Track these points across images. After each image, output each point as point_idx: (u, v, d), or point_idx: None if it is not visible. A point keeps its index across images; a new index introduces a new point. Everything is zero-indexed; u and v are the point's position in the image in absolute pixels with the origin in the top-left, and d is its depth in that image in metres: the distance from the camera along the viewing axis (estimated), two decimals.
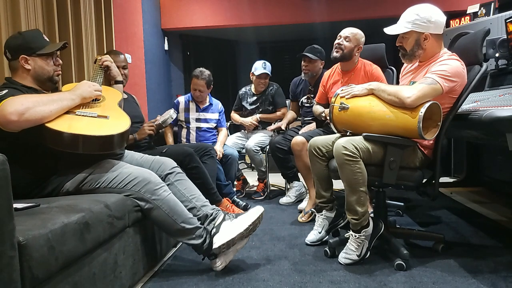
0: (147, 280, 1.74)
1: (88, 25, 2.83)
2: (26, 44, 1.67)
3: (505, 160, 2.99)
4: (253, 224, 1.75)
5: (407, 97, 1.70)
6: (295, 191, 3.15)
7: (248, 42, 6.47)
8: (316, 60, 3.06)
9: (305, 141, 2.65)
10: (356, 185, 1.75)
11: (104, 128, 1.63)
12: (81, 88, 1.70)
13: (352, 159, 1.73)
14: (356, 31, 2.56)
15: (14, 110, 1.41)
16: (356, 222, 1.79)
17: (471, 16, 3.59)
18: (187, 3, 4.84)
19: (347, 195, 1.79)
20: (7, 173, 1.02)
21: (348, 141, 1.76)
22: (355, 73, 2.57)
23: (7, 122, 1.41)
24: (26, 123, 1.44)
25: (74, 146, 1.53)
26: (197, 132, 3.21)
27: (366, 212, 1.80)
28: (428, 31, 1.81)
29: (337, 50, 2.53)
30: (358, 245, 1.82)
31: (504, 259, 1.83)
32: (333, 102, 1.93)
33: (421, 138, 1.69)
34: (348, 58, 2.54)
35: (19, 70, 1.68)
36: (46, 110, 1.50)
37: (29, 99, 1.48)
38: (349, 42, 2.51)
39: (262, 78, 3.48)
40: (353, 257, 1.82)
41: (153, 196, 1.67)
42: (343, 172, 1.77)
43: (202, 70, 3.16)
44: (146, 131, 2.51)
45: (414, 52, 1.87)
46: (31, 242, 1.06)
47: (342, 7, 4.72)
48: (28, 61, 1.67)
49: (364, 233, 1.81)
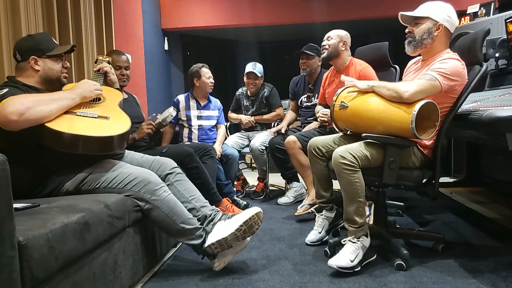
0: (147, 280, 1.74)
1: (88, 25, 2.83)
2: (37, 46, 1.70)
3: (505, 160, 2.99)
4: (245, 224, 1.70)
5: (404, 91, 1.70)
6: (294, 191, 3.16)
7: (248, 42, 6.47)
8: (313, 56, 3.13)
9: (295, 140, 2.79)
10: (355, 195, 1.73)
11: (104, 129, 1.63)
12: (81, 87, 1.71)
13: (350, 169, 1.71)
14: (336, 30, 2.72)
15: (15, 109, 1.41)
16: (354, 230, 1.76)
17: (471, 16, 3.59)
18: (187, 3, 4.84)
19: (345, 205, 1.78)
20: (7, 173, 1.02)
21: (345, 150, 1.74)
22: (347, 73, 2.62)
23: (8, 122, 1.41)
24: (26, 122, 1.45)
25: (74, 147, 1.53)
26: (199, 131, 3.21)
27: (364, 223, 1.78)
28: (443, 23, 1.82)
29: (323, 51, 2.69)
30: (353, 250, 1.74)
31: (504, 259, 1.83)
32: (334, 100, 1.94)
33: (415, 138, 1.69)
34: (335, 54, 2.65)
35: (27, 71, 1.70)
36: (46, 110, 1.50)
37: (29, 98, 1.48)
38: (331, 40, 2.66)
39: (251, 78, 3.52)
40: (346, 260, 1.70)
41: (153, 197, 1.67)
42: (342, 182, 1.76)
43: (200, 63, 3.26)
44: (144, 130, 2.51)
45: (423, 40, 1.84)
46: (31, 242, 1.06)
47: (342, 7, 4.72)
48: (38, 62, 1.70)
49: (362, 240, 1.76)
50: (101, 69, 2.05)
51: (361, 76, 2.52)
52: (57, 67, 1.76)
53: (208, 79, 3.21)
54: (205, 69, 3.21)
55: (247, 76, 3.54)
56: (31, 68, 1.69)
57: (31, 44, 1.71)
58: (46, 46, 1.73)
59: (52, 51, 1.73)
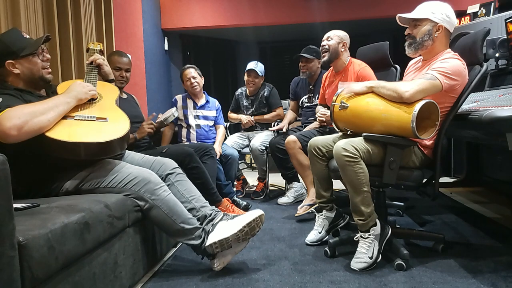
0: (147, 280, 1.74)
1: (88, 25, 2.83)
2: (8, 49, 1.59)
3: (505, 160, 2.99)
4: (248, 226, 1.71)
5: (405, 91, 1.69)
6: (294, 191, 3.15)
7: (248, 42, 6.47)
8: (312, 59, 3.13)
9: (296, 140, 2.79)
10: (360, 185, 1.74)
11: (104, 133, 1.62)
12: (75, 90, 1.67)
13: (353, 160, 1.72)
14: (336, 30, 2.70)
15: (13, 124, 1.39)
16: (363, 223, 1.77)
17: (471, 16, 3.59)
18: (187, 3, 4.84)
19: (351, 196, 1.79)
20: (7, 173, 1.02)
21: (347, 143, 1.75)
22: (345, 74, 2.63)
23: (7, 137, 1.40)
24: (26, 135, 1.44)
25: (75, 154, 1.54)
26: (197, 131, 3.21)
27: (372, 212, 1.78)
28: (443, 23, 1.82)
29: (323, 53, 2.69)
30: (368, 246, 1.77)
31: (504, 259, 1.83)
32: (334, 101, 1.94)
33: (416, 137, 1.69)
34: (335, 56, 2.65)
35: (9, 76, 1.63)
36: (44, 120, 1.48)
37: (25, 110, 1.45)
38: (331, 40, 2.65)
39: (251, 76, 3.52)
40: (366, 260, 1.75)
41: (152, 196, 1.67)
42: (346, 174, 1.76)
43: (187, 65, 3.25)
44: (145, 130, 2.51)
45: (423, 42, 1.85)
46: (31, 242, 1.06)
47: (342, 7, 4.72)
48: (16, 65, 1.62)
49: (373, 232, 1.77)
50: (94, 61, 1.96)
51: (359, 76, 2.53)
52: (36, 65, 1.65)
53: (187, 81, 3.20)
54: (187, 70, 3.19)
55: (248, 74, 3.54)
56: (11, 73, 1.61)
57: (2, 48, 1.59)
58: (18, 47, 1.60)
59: (25, 50, 1.61)
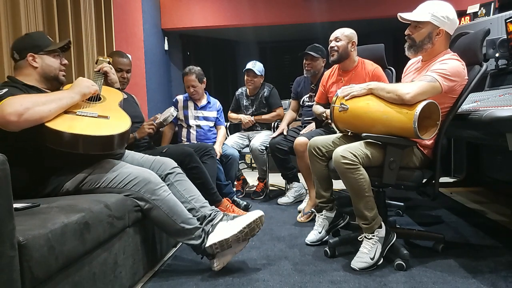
0: (147, 280, 1.74)
1: (88, 25, 2.82)
2: (33, 43, 1.71)
3: (505, 160, 2.99)
4: (248, 227, 1.72)
5: (406, 93, 1.69)
6: (294, 191, 3.15)
7: (248, 42, 6.47)
8: (318, 58, 3.11)
9: (307, 142, 2.66)
10: (361, 191, 1.74)
11: (104, 128, 1.63)
12: (79, 85, 1.72)
13: (352, 167, 1.72)
14: (344, 29, 2.62)
15: (14, 110, 1.41)
16: (367, 227, 1.78)
17: (471, 16, 3.59)
18: (187, 3, 4.84)
19: (354, 202, 1.79)
20: (7, 173, 1.02)
21: (345, 150, 1.75)
22: (356, 72, 2.58)
23: (7, 123, 1.41)
24: (26, 123, 1.45)
25: (74, 146, 1.53)
26: (197, 131, 3.21)
27: (376, 215, 1.78)
28: (444, 27, 1.81)
29: (332, 53, 2.61)
30: (371, 247, 1.77)
31: (504, 259, 1.83)
32: (333, 102, 1.94)
33: (417, 138, 1.69)
34: (345, 56, 2.58)
35: (26, 69, 1.70)
36: (45, 110, 1.50)
37: (28, 99, 1.48)
38: (340, 41, 2.57)
39: (249, 76, 3.52)
40: (367, 260, 1.75)
41: (153, 196, 1.67)
42: (347, 181, 1.76)
43: (190, 67, 3.21)
44: (146, 130, 2.51)
45: (423, 45, 1.84)
46: (31, 242, 1.06)
47: (342, 7, 4.72)
48: (36, 59, 1.71)
49: (377, 233, 1.78)
50: (101, 69, 2.06)
51: (374, 76, 2.49)
52: (55, 64, 1.76)
53: (187, 87, 3.21)
54: (188, 77, 3.18)
55: (246, 73, 3.55)
56: (29, 65, 1.70)
57: (28, 42, 1.72)
58: (43, 43, 1.73)
59: (49, 47, 1.74)
